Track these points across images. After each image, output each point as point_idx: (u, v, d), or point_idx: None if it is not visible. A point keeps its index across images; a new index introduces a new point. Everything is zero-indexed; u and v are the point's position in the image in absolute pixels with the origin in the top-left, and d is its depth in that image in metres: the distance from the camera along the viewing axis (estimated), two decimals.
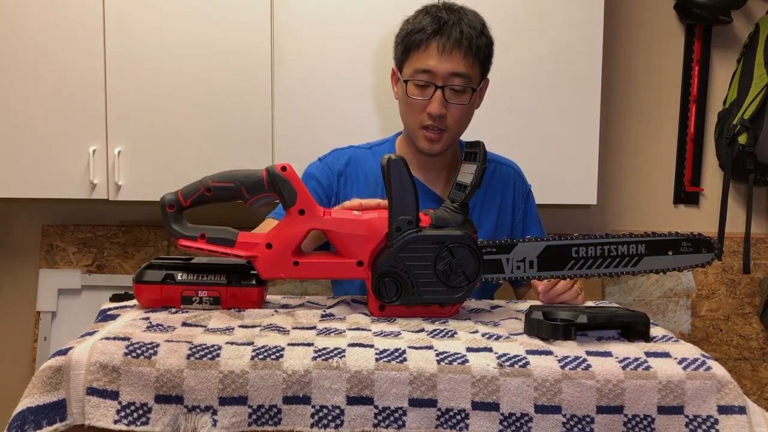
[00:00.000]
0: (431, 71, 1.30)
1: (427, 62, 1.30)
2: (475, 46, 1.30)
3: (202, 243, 1.02)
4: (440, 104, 1.31)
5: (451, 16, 1.31)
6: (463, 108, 1.33)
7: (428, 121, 1.33)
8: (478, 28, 1.31)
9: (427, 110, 1.32)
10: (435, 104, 1.31)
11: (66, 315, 2.28)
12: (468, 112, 1.36)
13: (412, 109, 1.34)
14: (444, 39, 1.29)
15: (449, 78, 1.30)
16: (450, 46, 1.29)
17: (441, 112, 1.31)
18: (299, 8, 1.97)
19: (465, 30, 1.29)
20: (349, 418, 0.80)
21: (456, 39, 1.29)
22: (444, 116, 1.32)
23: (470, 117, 1.38)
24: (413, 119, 1.36)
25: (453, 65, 1.29)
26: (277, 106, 1.99)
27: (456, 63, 1.29)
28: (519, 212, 1.49)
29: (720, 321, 2.34)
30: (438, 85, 1.30)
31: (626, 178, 2.39)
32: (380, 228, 1.01)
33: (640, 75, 2.36)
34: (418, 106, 1.33)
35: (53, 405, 0.81)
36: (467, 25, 1.30)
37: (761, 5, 2.31)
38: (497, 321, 1.02)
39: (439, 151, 1.37)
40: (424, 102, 1.32)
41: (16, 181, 1.99)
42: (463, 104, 1.32)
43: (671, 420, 0.82)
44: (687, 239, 1.08)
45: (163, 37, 1.96)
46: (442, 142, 1.35)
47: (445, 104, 1.31)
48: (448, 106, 1.32)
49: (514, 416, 0.81)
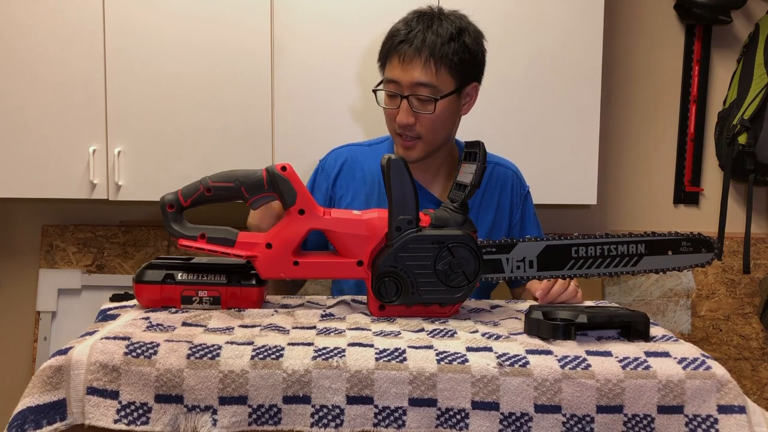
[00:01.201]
0: (396, 81, 1.30)
1: (393, 72, 1.30)
2: (439, 54, 1.27)
3: (202, 243, 1.02)
4: (406, 114, 1.30)
5: (421, 24, 1.29)
6: (432, 117, 1.31)
7: (400, 129, 1.33)
8: (446, 35, 1.28)
9: (396, 119, 1.32)
10: (401, 114, 1.31)
11: (66, 315, 2.28)
12: (441, 119, 1.32)
13: (386, 117, 1.36)
14: (405, 48, 1.28)
15: (414, 87, 1.29)
16: (410, 56, 1.28)
17: (407, 121, 1.30)
18: (299, 8, 1.97)
19: (429, 38, 1.27)
20: (349, 417, 0.80)
21: (416, 48, 1.27)
22: (413, 125, 1.31)
23: (449, 123, 1.36)
24: (389, 127, 1.37)
25: (415, 75, 1.28)
26: (277, 106, 1.99)
27: (417, 72, 1.28)
28: (517, 213, 1.48)
29: (720, 321, 2.35)
30: (403, 95, 1.30)
31: (626, 178, 2.39)
32: (380, 228, 1.01)
33: (640, 75, 2.36)
34: (390, 115, 1.34)
35: (53, 404, 0.81)
36: (433, 33, 1.28)
37: (761, 5, 2.31)
38: (497, 321, 1.02)
39: (415, 159, 1.35)
40: (394, 111, 1.33)
41: (16, 181, 1.99)
42: (428, 113, 1.30)
43: (671, 419, 0.82)
44: (687, 239, 1.08)
45: (163, 37, 1.96)
46: (417, 150, 1.34)
47: (413, 113, 1.30)
48: (417, 115, 1.31)
49: (514, 416, 0.81)
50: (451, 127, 1.38)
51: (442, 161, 1.44)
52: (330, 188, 1.47)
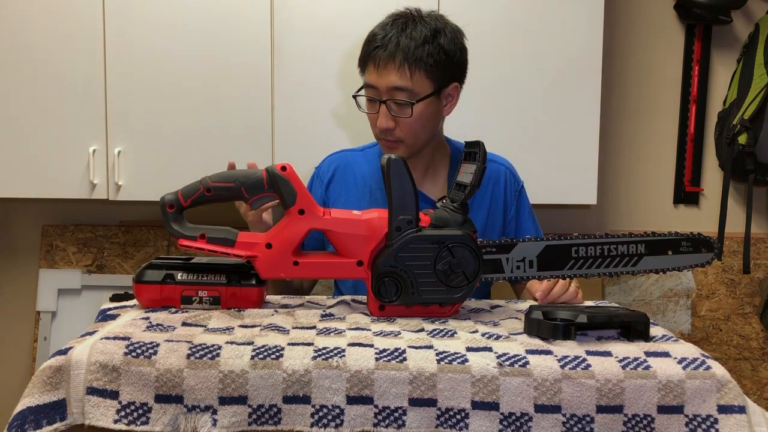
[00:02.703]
0: (374, 86, 1.31)
1: (370, 77, 1.31)
2: (413, 57, 1.27)
3: (202, 243, 1.02)
4: (385, 118, 1.31)
5: (395, 28, 1.29)
6: (408, 121, 1.31)
7: (381, 134, 1.34)
8: (419, 38, 1.28)
9: (376, 124, 1.33)
10: (380, 119, 1.32)
11: (66, 315, 2.28)
12: (420, 122, 1.32)
13: (370, 122, 1.37)
14: (380, 52, 1.28)
15: (390, 92, 1.30)
16: (384, 61, 1.28)
17: (386, 125, 1.31)
18: (299, 8, 1.97)
19: (402, 42, 1.27)
20: (349, 417, 0.80)
21: (390, 52, 1.28)
22: (392, 129, 1.32)
23: (430, 125, 1.36)
24: (373, 131, 1.38)
25: (390, 80, 1.28)
26: (277, 106, 1.99)
27: (392, 77, 1.28)
28: (511, 209, 1.48)
29: (720, 321, 2.35)
30: (381, 99, 1.31)
31: (626, 178, 2.39)
32: (380, 228, 1.01)
33: (640, 75, 2.36)
34: (371, 119, 1.36)
35: (53, 405, 0.81)
36: (407, 36, 1.28)
37: (761, 5, 2.31)
38: (497, 321, 1.02)
39: None
40: (374, 116, 1.34)
41: (16, 181, 1.99)
42: (406, 117, 1.30)
43: (671, 419, 0.82)
44: (687, 239, 1.08)
45: (164, 37, 1.97)
46: (399, 152, 1.34)
47: (392, 117, 1.31)
48: (396, 119, 1.31)
49: (514, 416, 0.81)
50: (433, 128, 1.38)
51: (430, 160, 1.44)
52: (324, 194, 1.48)
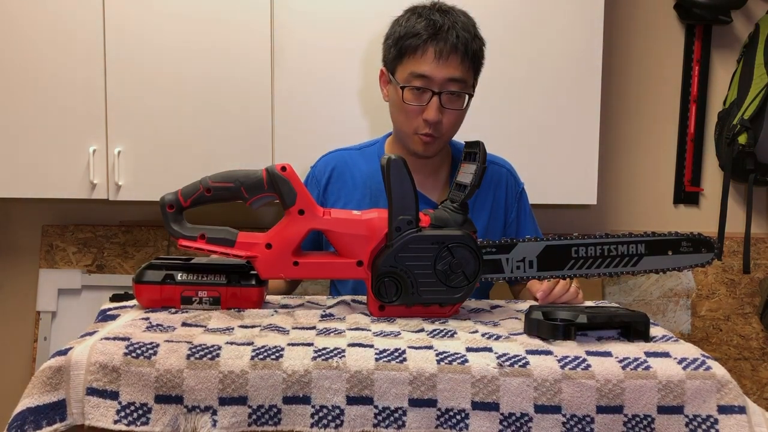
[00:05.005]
0: (428, 77, 1.29)
1: (424, 68, 1.29)
2: (470, 51, 1.29)
3: (201, 243, 1.02)
4: (437, 111, 1.30)
5: (445, 20, 1.29)
6: (458, 113, 1.33)
7: (424, 127, 1.32)
8: (471, 32, 1.30)
9: (423, 116, 1.31)
10: (432, 111, 1.30)
11: (66, 315, 2.28)
12: (462, 116, 1.36)
13: (407, 114, 1.33)
14: (441, 44, 1.27)
15: (446, 84, 1.29)
16: (447, 52, 1.28)
17: (438, 118, 1.30)
18: (299, 8, 1.97)
19: (461, 34, 1.28)
20: (349, 418, 0.80)
21: (453, 44, 1.27)
22: (440, 122, 1.31)
23: (463, 120, 1.38)
24: (408, 125, 1.34)
25: (450, 71, 1.28)
26: (277, 106, 1.99)
27: (453, 68, 1.28)
28: (512, 211, 1.48)
29: (720, 321, 2.34)
30: (435, 90, 1.29)
31: (626, 178, 2.39)
32: (380, 228, 1.01)
33: (640, 75, 2.36)
34: (414, 111, 1.32)
35: (53, 405, 0.81)
36: (462, 29, 1.29)
37: (761, 5, 2.31)
38: (497, 321, 1.02)
39: (433, 153, 1.37)
40: (420, 108, 1.31)
41: (16, 181, 1.99)
42: (459, 110, 1.32)
43: (671, 420, 0.82)
44: (687, 239, 1.08)
45: (163, 38, 1.96)
46: (436, 145, 1.35)
47: (441, 110, 1.30)
48: (443, 112, 1.31)
49: (514, 416, 0.81)
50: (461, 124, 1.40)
51: (433, 161, 1.43)
52: (321, 195, 1.46)
